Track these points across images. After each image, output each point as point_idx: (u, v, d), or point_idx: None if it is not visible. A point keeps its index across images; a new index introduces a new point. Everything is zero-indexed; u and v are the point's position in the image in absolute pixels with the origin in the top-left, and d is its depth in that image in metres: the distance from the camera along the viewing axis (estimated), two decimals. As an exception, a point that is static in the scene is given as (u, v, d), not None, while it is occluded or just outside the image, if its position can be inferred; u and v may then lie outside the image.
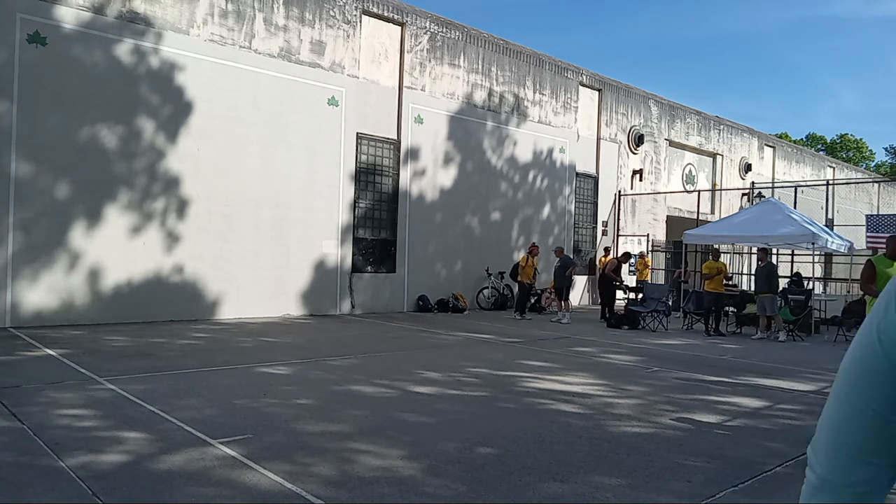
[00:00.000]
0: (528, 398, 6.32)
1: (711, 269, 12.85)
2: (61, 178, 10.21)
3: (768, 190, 22.78)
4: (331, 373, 7.24)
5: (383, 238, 14.61)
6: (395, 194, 14.73)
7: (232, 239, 12.05)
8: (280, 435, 4.76)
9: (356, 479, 3.91)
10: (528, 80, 17.58)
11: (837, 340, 12.24)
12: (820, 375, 8.29)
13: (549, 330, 12.50)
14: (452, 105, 15.74)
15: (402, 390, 6.48)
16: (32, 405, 5.32)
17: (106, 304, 10.62)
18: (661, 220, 21.98)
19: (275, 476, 3.90)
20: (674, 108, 22.64)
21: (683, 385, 7.35)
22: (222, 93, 11.90)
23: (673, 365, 8.60)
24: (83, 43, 10.39)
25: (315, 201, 13.25)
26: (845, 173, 33.19)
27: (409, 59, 14.82)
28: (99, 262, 10.56)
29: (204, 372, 6.99)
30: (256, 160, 12.35)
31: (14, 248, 9.78)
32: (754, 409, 6.23)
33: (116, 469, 3.93)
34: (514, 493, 3.80)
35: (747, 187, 24.77)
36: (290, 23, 12.84)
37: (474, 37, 16.27)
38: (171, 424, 4.90)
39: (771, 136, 30.03)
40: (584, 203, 19.53)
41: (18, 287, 9.84)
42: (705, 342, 11.58)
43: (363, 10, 14.00)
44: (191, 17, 11.53)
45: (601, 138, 19.81)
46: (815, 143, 55.61)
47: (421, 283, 15.11)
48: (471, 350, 9.47)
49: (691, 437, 5.12)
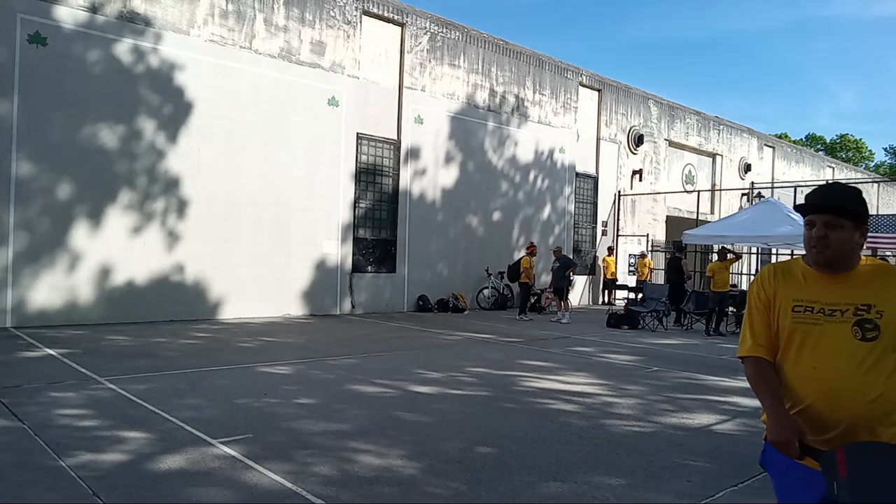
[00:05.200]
0: (528, 398, 6.33)
1: (717, 269, 12.83)
2: (62, 177, 10.22)
3: (768, 190, 22.80)
4: (331, 372, 7.24)
5: (384, 238, 14.61)
6: (395, 194, 14.73)
7: (232, 239, 12.06)
8: (280, 435, 4.76)
9: (357, 479, 3.92)
10: (528, 81, 17.59)
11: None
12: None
13: (549, 330, 12.51)
14: (452, 105, 15.75)
15: (402, 390, 6.49)
16: (33, 405, 5.33)
17: (107, 304, 10.62)
18: (661, 220, 21.98)
19: (275, 476, 3.90)
20: (673, 109, 22.65)
21: (683, 385, 7.36)
22: (223, 93, 11.90)
23: (673, 365, 8.61)
24: (83, 43, 10.40)
25: (315, 201, 13.25)
26: (845, 173, 33.20)
27: (409, 59, 14.83)
28: (100, 262, 10.56)
29: (204, 372, 7.00)
30: (257, 160, 12.36)
31: (15, 248, 9.79)
32: (754, 408, 6.23)
33: (117, 469, 3.94)
34: (514, 492, 3.81)
35: (747, 187, 24.78)
36: (291, 23, 12.85)
37: (474, 37, 16.27)
38: (172, 424, 4.91)
39: (770, 136, 30.05)
40: (583, 203, 19.53)
41: (19, 287, 9.84)
42: (705, 342, 11.59)
43: (363, 10, 14.01)
44: (191, 17, 11.54)
45: (601, 138, 19.81)
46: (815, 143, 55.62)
47: (421, 282, 15.12)
48: (471, 350, 9.48)
49: (691, 437, 5.13)
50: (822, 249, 1.99)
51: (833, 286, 2.02)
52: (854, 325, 1.95)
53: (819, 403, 1.95)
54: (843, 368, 1.93)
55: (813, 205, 2.04)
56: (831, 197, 2.03)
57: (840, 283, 2.01)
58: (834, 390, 1.94)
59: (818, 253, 2.01)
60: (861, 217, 2.03)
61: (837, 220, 1.98)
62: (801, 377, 2.00)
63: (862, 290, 1.99)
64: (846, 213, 1.99)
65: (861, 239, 2.02)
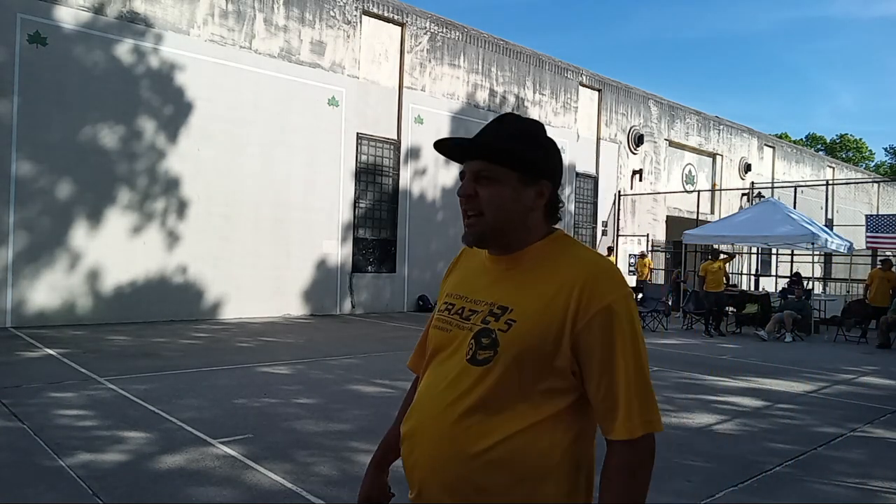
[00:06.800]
0: (528, 398, 6.31)
1: (709, 269, 12.86)
2: (62, 177, 10.22)
3: (768, 190, 22.80)
4: (331, 372, 7.24)
5: (384, 238, 14.61)
6: (395, 194, 14.73)
7: (232, 239, 12.06)
8: (280, 434, 4.76)
9: (357, 479, 3.90)
10: (528, 81, 17.59)
11: (837, 340, 12.25)
12: (819, 375, 8.29)
13: (548, 330, 12.48)
14: (453, 105, 15.75)
15: (402, 390, 6.48)
16: (33, 405, 5.33)
17: (107, 304, 10.62)
18: (661, 220, 21.98)
19: (275, 476, 3.90)
20: (673, 109, 22.65)
21: (683, 385, 7.36)
22: (222, 93, 11.90)
23: (672, 364, 8.61)
24: (84, 43, 10.40)
25: (315, 201, 13.25)
26: (845, 173, 33.19)
27: (409, 59, 14.83)
28: (100, 261, 10.56)
29: (204, 372, 7.00)
30: (257, 160, 12.36)
31: (15, 248, 9.79)
32: (754, 408, 6.24)
33: (117, 469, 3.94)
34: (514, 492, 3.80)
35: (747, 187, 24.78)
36: (291, 23, 12.85)
37: (474, 37, 16.27)
38: (172, 424, 4.91)
39: (770, 136, 30.04)
40: (583, 203, 19.54)
41: (19, 287, 9.84)
42: (705, 342, 11.59)
43: (363, 10, 14.01)
44: (191, 17, 11.54)
45: (601, 138, 19.81)
46: (815, 143, 55.60)
47: (421, 282, 15.12)
48: (471, 350, 9.45)
49: (691, 437, 5.13)
50: (472, 217, 1.30)
51: (489, 274, 1.36)
52: (473, 335, 1.28)
53: (405, 445, 1.37)
54: (435, 402, 1.29)
55: (453, 144, 1.31)
56: (485, 133, 1.32)
57: (499, 270, 1.34)
58: (417, 430, 1.33)
59: (466, 222, 1.32)
60: (534, 165, 1.29)
61: (490, 169, 1.28)
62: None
63: (509, 285, 1.30)
64: (503, 158, 1.27)
65: (539, 200, 1.31)
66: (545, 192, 1.31)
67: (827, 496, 3.98)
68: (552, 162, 1.33)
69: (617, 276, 1.26)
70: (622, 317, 1.21)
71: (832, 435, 5.33)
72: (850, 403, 6.67)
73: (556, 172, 1.34)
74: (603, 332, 1.20)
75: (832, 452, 4.87)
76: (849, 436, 5.34)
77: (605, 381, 1.20)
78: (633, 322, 1.23)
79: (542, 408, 1.23)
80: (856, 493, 4.07)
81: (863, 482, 4.24)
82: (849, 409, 6.40)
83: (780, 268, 20.79)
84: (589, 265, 1.26)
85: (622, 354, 1.20)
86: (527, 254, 1.31)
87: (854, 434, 5.41)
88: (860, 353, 10.71)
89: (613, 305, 1.21)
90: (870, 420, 5.91)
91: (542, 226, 1.33)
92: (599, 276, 1.24)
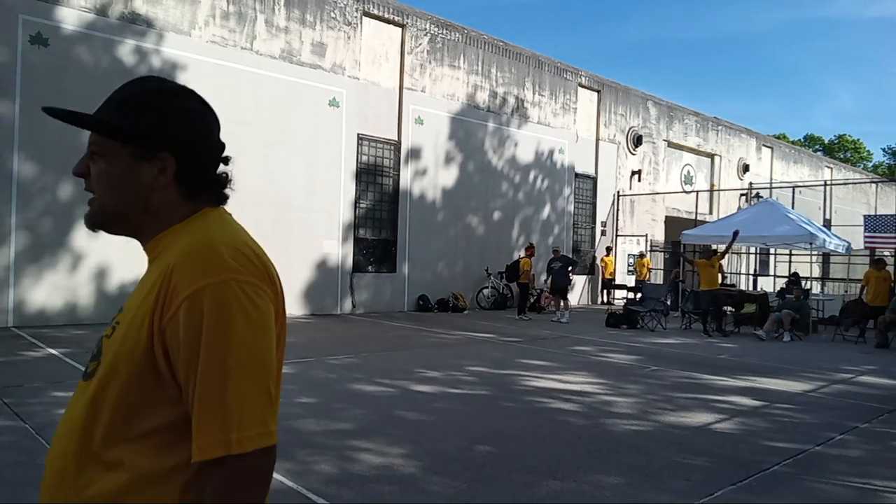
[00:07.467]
0: (527, 397, 6.35)
1: (701, 267, 12.89)
2: (64, 178, 10.24)
3: (766, 190, 22.84)
4: (332, 372, 7.27)
5: (384, 238, 14.64)
6: (395, 194, 14.76)
7: (232, 239, 12.06)
8: (281, 433, 4.75)
9: (357, 478, 3.94)
10: (528, 82, 17.62)
11: (835, 340, 12.29)
12: (818, 375, 8.33)
13: (548, 329, 12.53)
14: (453, 106, 15.78)
15: (402, 389, 6.52)
16: (35, 404, 5.35)
17: (109, 304, 10.64)
18: (660, 220, 22.02)
19: (276, 475, 3.92)
20: (672, 109, 22.68)
21: (682, 384, 7.39)
22: (224, 94, 11.91)
23: (671, 364, 8.64)
24: (85, 44, 10.43)
25: (316, 202, 13.28)
26: (843, 174, 33.22)
27: (409, 60, 14.86)
28: (101, 261, 10.59)
29: (205, 371, 7.01)
30: (258, 161, 12.38)
31: (17, 247, 9.81)
32: (753, 407, 6.27)
33: (121, 467, 3.95)
34: (514, 491, 3.84)
35: (745, 188, 24.82)
36: (292, 24, 12.88)
37: (474, 38, 16.31)
38: (174, 423, 4.92)
39: (769, 136, 30.07)
40: (583, 203, 19.58)
41: (21, 286, 9.87)
42: (703, 342, 11.62)
43: (364, 11, 14.04)
44: (192, 18, 11.57)
45: (600, 139, 19.85)
46: (813, 143, 55.64)
47: (421, 282, 15.15)
48: (471, 349, 9.51)
49: (690, 436, 5.16)
50: (91, 199, 1.13)
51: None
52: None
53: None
54: (62, 427, 1.14)
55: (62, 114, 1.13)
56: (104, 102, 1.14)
57: (148, 263, 1.16)
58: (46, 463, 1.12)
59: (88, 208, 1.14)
60: (146, 135, 1.08)
61: (99, 143, 1.12)
62: None
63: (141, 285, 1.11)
64: (102, 129, 1.11)
65: (161, 178, 1.10)
66: (168, 168, 1.09)
67: (825, 495, 4.01)
68: (175, 130, 1.09)
69: (215, 257, 1.01)
70: (212, 307, 0.97)
71: (830, 434, 5.36)
72: (849, 403, 6.70)
73: (183, 142, 1.10)
74: (187, 327, 0.98)
75: (830, 451, 4.90)
76: (847, 435, 5.38)
77: (191, 389, 0.98)
78: (230, 314, 0.98)
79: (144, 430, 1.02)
80: (854, 491, 4.10)
81: (861, 481, 4.27)
82: (847, 408, 6.43)
83: (779, 268, 20.81)
84: (185, 245, 1.04)
85: (206, 355, 0.96)
86: (161, 241, 1.11)
87: (852, 433, 5.45)
88: (858, 353, 10.74)
89: (201, 293, 0.98)
90: (868, 419, 5.95)
91: (180, 207, 1.12)
92: (191, 257, 1.01)
